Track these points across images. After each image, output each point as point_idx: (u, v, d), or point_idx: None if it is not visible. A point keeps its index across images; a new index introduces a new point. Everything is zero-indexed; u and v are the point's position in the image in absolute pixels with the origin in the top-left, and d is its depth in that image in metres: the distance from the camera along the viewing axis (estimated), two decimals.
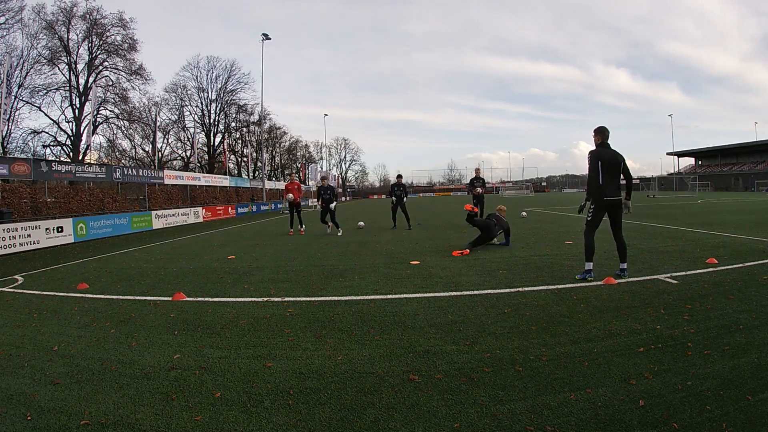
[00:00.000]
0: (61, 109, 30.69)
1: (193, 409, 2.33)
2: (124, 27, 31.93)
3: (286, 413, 2.25)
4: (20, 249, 11.05)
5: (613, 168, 4.78)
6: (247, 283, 5.67)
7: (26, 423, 2.24)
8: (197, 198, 26.69)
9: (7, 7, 26.23)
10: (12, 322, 4.27)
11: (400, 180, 12.28)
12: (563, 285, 4.73)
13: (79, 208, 16.47)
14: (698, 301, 3.89)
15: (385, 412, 2.21)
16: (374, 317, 3.88)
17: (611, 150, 4.86)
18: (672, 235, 8.72)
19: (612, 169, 4.77)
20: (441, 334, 3.33)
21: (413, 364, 2.79)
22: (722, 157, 72.73)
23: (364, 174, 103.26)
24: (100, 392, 2.58)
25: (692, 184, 52.24)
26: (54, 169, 15.27)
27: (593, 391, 2.31)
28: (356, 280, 5.54)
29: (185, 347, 3.31)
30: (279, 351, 3.15)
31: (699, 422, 1.97)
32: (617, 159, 4.81)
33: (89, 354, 3.25)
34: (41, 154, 29.83)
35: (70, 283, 6.26)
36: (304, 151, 73.97)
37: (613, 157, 4.81)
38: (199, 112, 46.49)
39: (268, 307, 4.38)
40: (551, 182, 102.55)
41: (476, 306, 4.08)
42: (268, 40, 32.29)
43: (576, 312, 3.74)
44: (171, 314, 4.26)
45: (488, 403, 2.26)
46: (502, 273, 5.52)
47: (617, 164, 4.80)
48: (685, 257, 6.08)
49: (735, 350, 2.75)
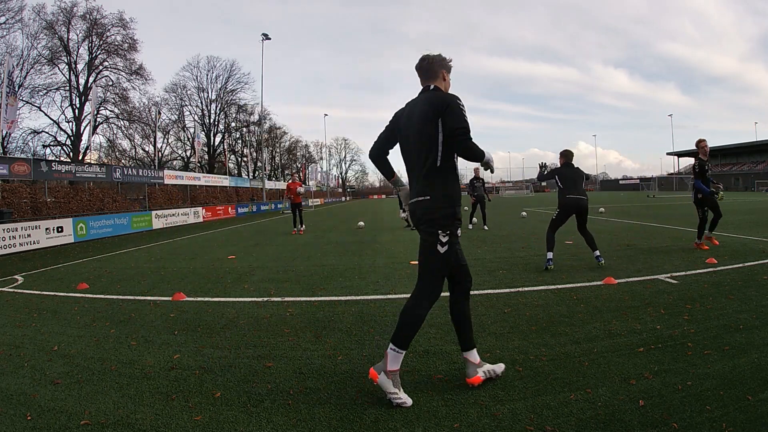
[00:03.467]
0: (61, 109, 30.74)
1: (193, 409, 2.33)
2: (124, 27, 31.98)
3: (286, 413, 2.25)
4: (20, 249, 11.05)
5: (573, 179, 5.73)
6: (247, 283, 5.67)
7: (26, 423, 2.24)
8: (197, 198, 26.68)
9: (7, 6, 26.25)
10: (12, 322, 4.27)
11: None
12: (563, 285, 4.73)
13: (79, 208, 16.46)
14: (698, 301, 3.89)
15: (385, 412, 2.21)
16: (374, 317, 3.88)
17: (574, 167, 5.86)
18: (672, 235, 8.72)
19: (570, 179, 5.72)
20: (441, 334, 3.33)
21: (413, 364, 2.79)
22: (722, 157, 72.71)
23: (364, 174, 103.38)
24: (100, 392, 2.58)
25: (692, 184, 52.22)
26: (54, 169, 15.27)
27: (593, 391, 2.31)
28: (356, 280, 5.54)
29: (185, 347, 3.31)
30: (279, 351, 3.15)
31: (699, 422, 1.97)
32: (578, 173, 5.81)
33: (89, 354, 3.25)
34: (41, 154, 29.87)
35: (70, 283, 6.26)
36: (304, 151, 74.05)
37: (574, 172, 5.80)
38: (199, 112, 46.56)
39: (268, 307, 4.38)
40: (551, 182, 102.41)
41: (476, 306, 4.07)
42: (268, 40, 32.33)
43: (576, 312, 3.74)
44: (171, 314, 4.26)
45: (488, 403, 2.26)
46: (502, 273, 5.52)
47: (579, 176, 5.77)
48: (685, 257, 6.08)
49: (735, 350, 2.75)
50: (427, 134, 2.29)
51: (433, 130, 2.28)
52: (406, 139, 2.42)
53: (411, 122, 2.38)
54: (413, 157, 2.39)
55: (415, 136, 2.36)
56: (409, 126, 2.39)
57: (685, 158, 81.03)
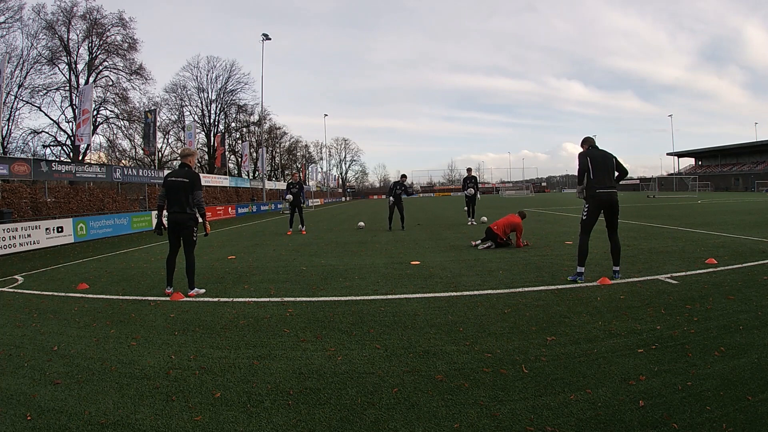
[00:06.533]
0: (61, 109, 30.69)
1: (193, 409, 2.33)
2: (124, 27, 31.90)
3: (286, 413, 2.25)
4: (20, 249, 11.04)
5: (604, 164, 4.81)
6: (247, 283, 5.67)
7: (26, 423, 2.24)
8: None
9: (6, 6, 26.23)
10: (12, 322, 4.27)
11: (404, 180, 12.20)
12: (563, 285, 4.73)
13: (79, 208, 16.46)
14: (698, 301, 3.89)
15: (385, 412, 2.21)
16: (374, 317, 3.88)
17: (601, 150, 4.94)
18: (672, 235, 8.72)
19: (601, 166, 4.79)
20: (441, 334, 3.33)
21: (413, 365, 2.79)
22: (722, 158, 72.75)
23: (364, 174, 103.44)
24: (100, 392, 2.58)
25: (692, 184, 52.24)
26: (54, 169, 15.27)
27: (593, 391, 2.31)
28: (356, 280, 5.54)
29: (185, 347, 3.31)
30: (279, 351, 3.15)
31: (699, 422, 1.97)
32: (608, 156, 4.88)
33: (89, 354, 3.25)
34: (41, 154, 29.82)
35: (70, 283, 6.26)
36: (304, 151, 74.05)
37: (604, 155, 4.88)
38: (199, 112, 46.54)
39: (268, 307, 4.38)
40: (551, 182, 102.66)
41: (476, 306, 4.08)
42: (268, 40, 32.31)
43: (576, 312, 3.74)
44: (171, 314, 4.26)
45: (488, 403, 2.26)
46: (502, 273, 5.52)
47: (610, 161, 4.85)
48: (685, 257, 6.08)
49: (735, 351, 2.75)
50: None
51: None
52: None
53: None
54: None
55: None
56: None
57: (685, 158, 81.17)
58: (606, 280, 4.77)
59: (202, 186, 5.02)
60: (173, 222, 4.94)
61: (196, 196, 4.88)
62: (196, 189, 4.89)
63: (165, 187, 4.95)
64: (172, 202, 4.89)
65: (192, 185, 4.87)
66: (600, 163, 4.78)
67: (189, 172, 4.97)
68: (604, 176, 4.76)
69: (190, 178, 4.89)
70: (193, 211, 4.91)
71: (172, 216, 4.92)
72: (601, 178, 4.76)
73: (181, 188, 4.85)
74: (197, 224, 4.98)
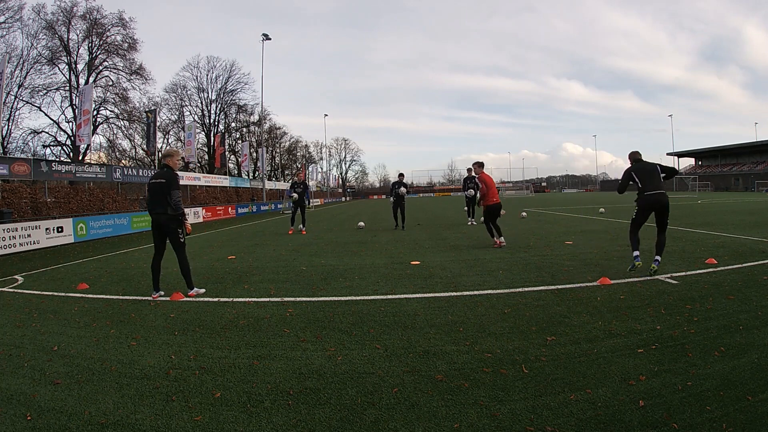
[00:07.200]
0: (61, 109, 30.67)
1: (193, 409, 2.33)
2: (124, 27, 31.87)
3: (286, 413, 2.25)
4: (20, 249, 11.04)
5: (649, 173, 5.32)
6: (247, 283, 5.67)
7: (26, 423, 2.24)
8: (197, 198, 26.68)
9: (6, 6, 26.22)
10: (12, 322, 4.27)
11: (401, 178, 12.28)
12: (563, 285, 4.73)
13: (79, 208, 16.46)
14: (698, 301, 3.89)
15: (385, 412, 2.21)
16: (374, 317, 3.88)
17: (644, 162, 5.47)
18: (672, 235, 8.71)
19: (646, 175, 5.30)
20: (441, 334, 3.33)
21: (413, 365, 2.79)
22: (722, 158, 72.70)
23: (364, 174, 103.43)
24: (100, 392, 2.58)
25: (692, 184, 52.23)
26: (54, 169, 15.28)
27: (593, 391, 2.31)
28: (356, 280, 5.54)
29: (185, 347, 3.31)
30: (279, 351, 3.15)
31: (699, 422, 1.97)
32: (651, 166, 5.40)
33: (89, 354, 3.25)
34: (41, 154, 29.80)
35: (70, 283, 6.26)
36: (304, 151, 74.02)
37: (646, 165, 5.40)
38: (199, 112, 46.52)
39: (268, 307, 4.38)
40: (551, 182, 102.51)
41: (476, 306, 4.08)
42: (268, 40, 32.31)
43: (576, 312, 3.74)
44: (171, 314, 4.26)
45: (488, 403, 2.26)
46: (502, 273, 5.52)
47: (654, 169, 5.34)
48: (685, 257, 6.08)
49: (735, 350, 2.75)
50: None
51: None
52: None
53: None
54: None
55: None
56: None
57: (686, 158, 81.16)
58: (606, 280, 4.78)
59: (179, 186, 4.99)
60: (156, 223, 4.97)
61: (173, 195, 4.86)
62: (172, 189, 4.87)
63: (147, 189, 4.99)
64: (154, 203, 4.92)
65: (168, 185, 4.87)
66: (645, 173, 5.30)
67: (167, 172, 4.98)
68: (649, 182, 5.26)
69: (167, 178, 4.90)
70: (176, 212, 4.90)
71: (154, 217, 4.96)
72: (647, 184, 5.25)
73: (158, 189, 4.88)
74: (181, 225, 4.97)
